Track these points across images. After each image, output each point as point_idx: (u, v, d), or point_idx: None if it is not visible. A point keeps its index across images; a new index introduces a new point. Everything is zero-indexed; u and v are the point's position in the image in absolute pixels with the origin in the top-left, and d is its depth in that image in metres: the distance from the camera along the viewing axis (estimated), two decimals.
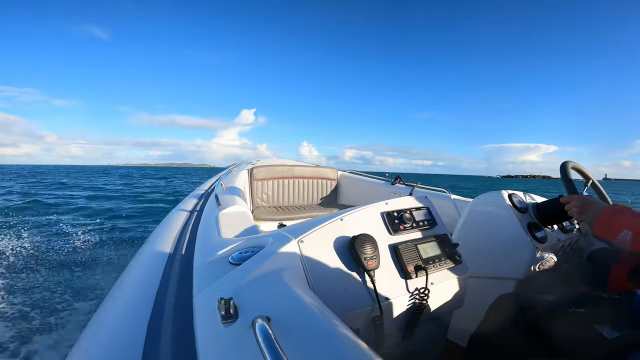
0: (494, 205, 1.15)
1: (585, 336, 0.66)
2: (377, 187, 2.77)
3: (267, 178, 2.70)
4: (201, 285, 0.66)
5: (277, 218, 2.41)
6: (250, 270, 0.58)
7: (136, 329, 0.61)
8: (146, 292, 0.76)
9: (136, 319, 0.65)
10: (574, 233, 1.26)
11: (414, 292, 0.72)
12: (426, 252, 0.77)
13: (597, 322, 0.66)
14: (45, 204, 8.14)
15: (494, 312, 0.86)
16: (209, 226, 1.11)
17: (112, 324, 0.69)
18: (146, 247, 1.26)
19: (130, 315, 0.69)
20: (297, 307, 0.44)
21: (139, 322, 0.63)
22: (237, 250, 0.74)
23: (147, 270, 0.94)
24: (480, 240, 1.14)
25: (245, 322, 0.41)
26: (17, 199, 9.05)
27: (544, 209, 1.15)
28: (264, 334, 0.35)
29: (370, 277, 0.66)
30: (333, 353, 0.36)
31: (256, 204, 2.66)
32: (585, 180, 1.16)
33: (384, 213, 0.80)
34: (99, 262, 3.46)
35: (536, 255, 1.02)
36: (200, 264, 0.80)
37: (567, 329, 0.70)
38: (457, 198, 2.12)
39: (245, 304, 0.47)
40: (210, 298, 0.56)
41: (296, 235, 0.66)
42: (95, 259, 3.52)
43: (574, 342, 0.67)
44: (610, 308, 0.69)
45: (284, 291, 0.50)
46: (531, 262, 1.02)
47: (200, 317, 0.55)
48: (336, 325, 0.40)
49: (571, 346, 0.67)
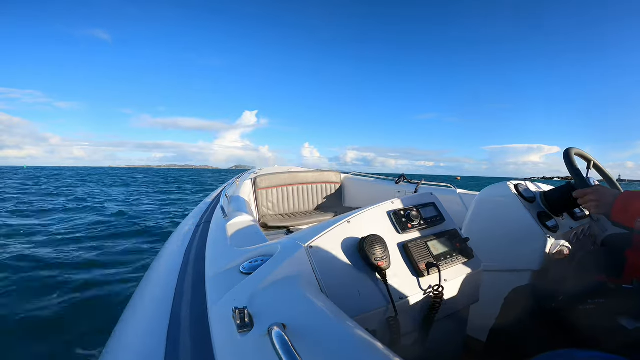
0: (500, 196, 1.13)
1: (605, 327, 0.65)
2: (381, 187, 2.77)
3: (271, 186, 2.71)
4: (215, 296, 0.66)
5: (284, 225, 2.41)
6: (261, 279, 0.58)
7: (156, 341, 0.62)
8: (162, 305, 0.77)
9: (155, 331, 0.66)
10: (586, 220, 1.24)
11: (427, 290, 0.71)
12: (437, 249, 0.77)
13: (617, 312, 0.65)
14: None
15: (510, 305, 0.85)
16: (218, 237, 1.12)
17: (133, 337, 0.70)
18: (158, 261, 1.27)
19: (149, 328, 0.70)
20: (311, 312, 0.44)
21: (158, 334, 0.64)
22: (247, 259, 0.74)
23: (161, 283, 0.95)
24: (490, 233, 1.13)
25: (261, 330, 0.41)
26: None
27: (552, 197, 1.14)
28: (281, 341, 0.35)
29: (382, 277, 0.66)
30: (351, 356, 0.35)
31: (262, 212, 2.66)
32: (587, 163, 1.15)
33: (390, 212, 0.80)
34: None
35: (549, 245, 1.01)
36: (211, 275, 0.81)
37: (587, 320, 0.69)
38: (463, 192, 2.10)
39: (259, 312, 0.47)
40: (224, 308, 0.56)
41: (305, 241, 0.66)
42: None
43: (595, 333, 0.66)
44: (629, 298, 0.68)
45: (297, 297, 0.50)
46: (544, 252, 1.01)
47: (216, 327, 0.55)
48: (352, 328, 0.40)
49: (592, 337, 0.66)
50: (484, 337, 0.88)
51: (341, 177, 3.04)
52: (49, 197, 10.34)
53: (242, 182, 2.56)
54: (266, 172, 2.83)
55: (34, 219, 6.03)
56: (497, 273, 1.07)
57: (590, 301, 0.71)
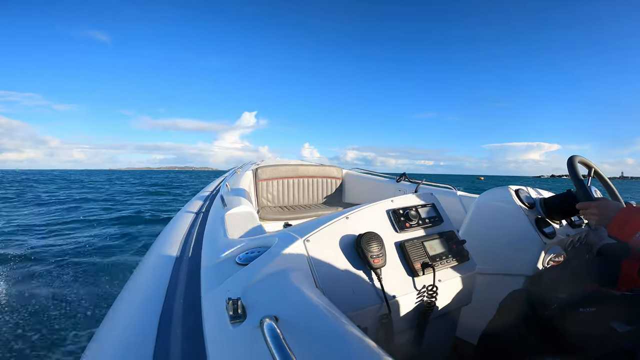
0: (500, 201, 1.13)
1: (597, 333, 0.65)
2: (382, 185, 2.76)
3: (272, 178, 2.71)
4: (209, 286, 0.66)
5: (283, 218, 2.42)
6: (257, 270, 0.58)
7: (146, 329, 0.62)
8: (155, 294, 0.77)
9: (146, 320, 0.66)
10: (583, 228, 1.24)
11: (421, 289, 0.71)
12: (433, 249, 0.77)
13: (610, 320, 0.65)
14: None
15: (505, 309, 0.86)
16: (216, 227, 1.12)
17: (123, 325, 0.70)
18: (154, 249, 1.27)
19: (140, 316, 0.70)
20: (304, 307, 0.44)
21: (149, 323, 0.64)
22: (244, 250, 0.74)
23: (155, 272, 0.95)
24: (487, 236, 1.13)
25: (254, 322, 0.41)
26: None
27: (552, 204, 1.13)
28: (272, 334, 0.35)
29: (377, 275, 0.66)
30: (341, 352, 0.36)
31: (261, 204, 2.67)
32: (588, 170, 1.14)
33: (389, 211, 0.80)
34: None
35: (545, 251, 1.01)
36: (207, 264, 0.81)
37: (579, 326, 0.69)
38: (463, 194, 2.10)
39: (253, 304, 0.47)
40: (218, 298, 0.57)
41: (302, 235, 0.66)
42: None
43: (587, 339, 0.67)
44: (621, 305, 0.68)
45: (291, 290, 0.50)
46: (540, 258, 1.01)
47: (208, 318, 0.55)
48: (344, 324, 0.40)
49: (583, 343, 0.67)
50: (474, 339, 0.89)
51: (342, 172, 3.03)
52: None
53: (242, 173, 2.55)
54: (267, 163, 2.83)
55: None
56: (491, 276, 1.08)
57: (582, 309, 0.71)
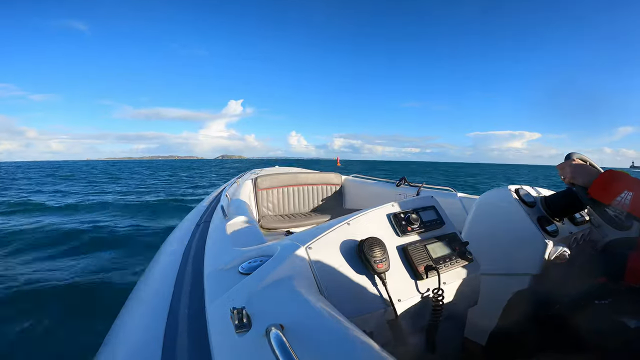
0: (501, 201, 1.13)
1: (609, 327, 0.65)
2: (382, 190, 2.76)
3: (272, 187, 2.71)
4: (213, 296, 0.66)
5: (284, 226, 2.41)
6: (260, 279, 0.58)
7: (153, 339, 0.62)
8: (159, 305, 0.77)
9: (152, 330, 0.66)
10: (586, 225, 1.23)
11: (426, 292, 0.71)
12: (436, 252, 0.77)
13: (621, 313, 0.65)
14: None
15: (512, 308, 0.85)
16: (217, 237, 1.12)
17: (131, 334, 0.71)
18: (157, 261, 1.27)
19: (146, 326, 0.70)
20: (309, 314, 0.44)
21: (155, 332, 0.64)
22: (246, 259, 0.74)
23: (158, 283, 0.95)
24: (489, 237, 1.13)
25: (259, 331, 0.41)
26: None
27: (553, 201, 1.14)
28: (279, 342, 0.35)
29: (381, 279, 0.65)
30: (348, 357, 0.35)
31: (262, 213, 2.66)
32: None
33: (390, 215, 0.80)
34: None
35: (548, 249, 1.01)
36: (210, 275, 0.81)
37: (591, 321, 0.69)
38: (463, 196, 2.11)
39: (257, 312, 0.47)
40: (222, 308, 0.56)
41: (304, 242, 0.66)
42: None
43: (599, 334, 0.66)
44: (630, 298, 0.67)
45: (295, 298, 0.50)
46: (544, 256, 1.00)
47: (214, 327, 0.55)
48: (349, 329, 0.40)
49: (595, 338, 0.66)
50: (483, 340, 0.88)
51: (342, 178, 3.04)
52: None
53: (242, 183, 2.56)
54: (267, 172, 2.83)
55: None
56: (496, 277, 1.07)
57: (597, 302, 0.71)
